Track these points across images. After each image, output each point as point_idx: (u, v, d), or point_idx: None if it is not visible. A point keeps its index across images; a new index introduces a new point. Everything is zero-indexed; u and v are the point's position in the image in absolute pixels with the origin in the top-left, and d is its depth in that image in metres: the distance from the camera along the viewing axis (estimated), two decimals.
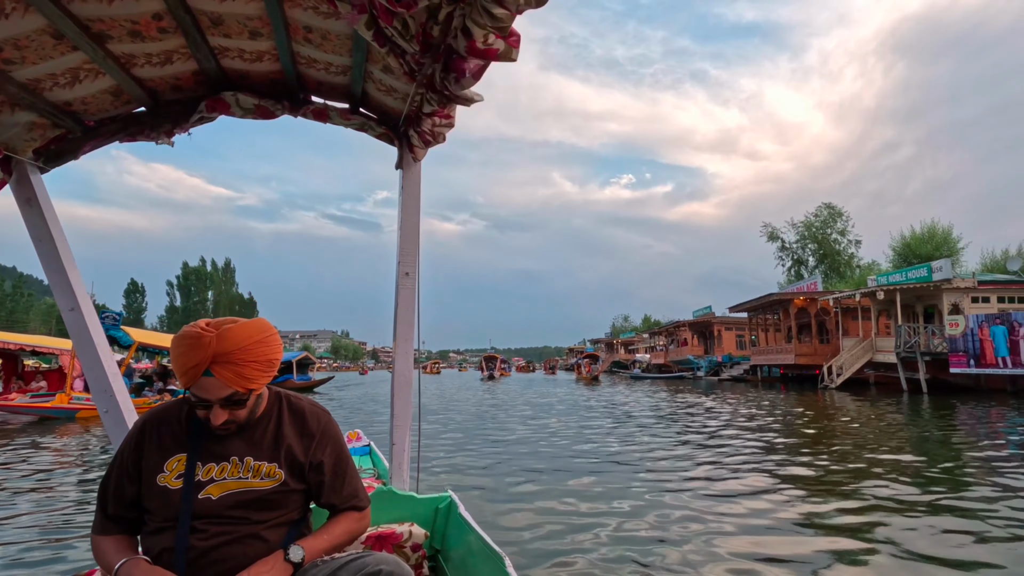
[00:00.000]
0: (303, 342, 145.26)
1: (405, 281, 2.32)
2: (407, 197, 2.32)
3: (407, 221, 2.32)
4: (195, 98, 2.15)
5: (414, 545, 2.04)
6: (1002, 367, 18.79)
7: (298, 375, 29.98)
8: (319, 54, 1.94)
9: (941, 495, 5.35)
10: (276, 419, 1.47)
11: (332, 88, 2.20)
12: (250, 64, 2.03)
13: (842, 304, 26.93)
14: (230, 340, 1.28)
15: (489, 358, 52.23)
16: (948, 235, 36.70)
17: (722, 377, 35.24)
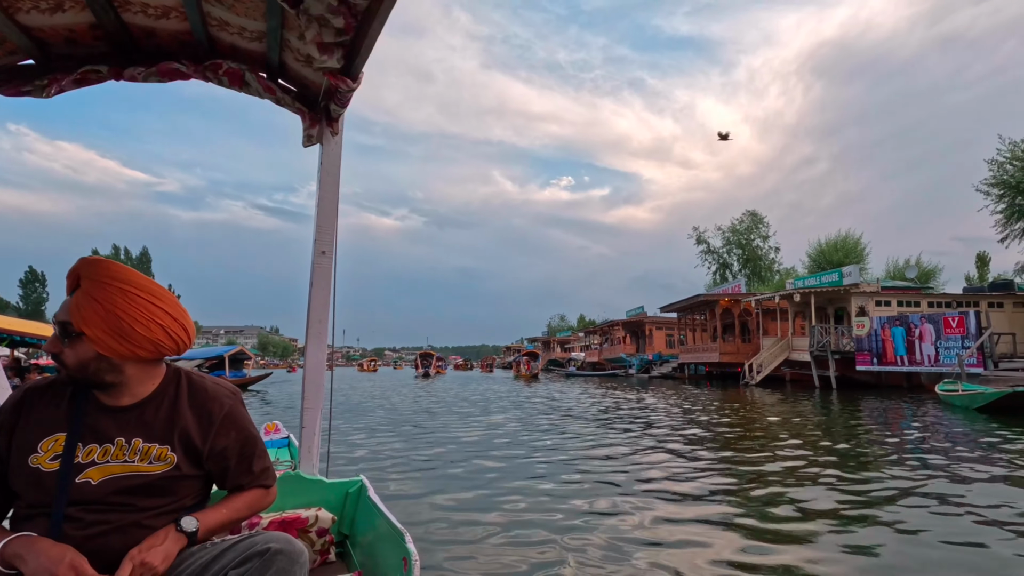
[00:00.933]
0: (228, 338, 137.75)
1: (321, 260, 2.25)
2: (325, 174, 2.25)
3: (324, 198, 2.25)
4: (93, 55, 1.94)
5: (320, 530, 2.01)
6: (900, 365, 20.42)
7: (231, 371, 27.62)
8: (231, 16, 1.81)
9: (840, 477, 5.62)
10: (172, 398, 1.33)
11: (248, 55, 2.07)
12: (155, 21, 1.86)
13: (763, 305, 28.46)
14: (95, 269, 1.21)
15: (425, 355, 51.52)
16: (857, 244, 39.68)
17: (652, 375, 36.43)
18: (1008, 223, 21.80)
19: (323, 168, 2.26)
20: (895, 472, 6.12)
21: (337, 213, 2.30)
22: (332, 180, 2.27)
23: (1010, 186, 21.22)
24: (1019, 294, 24.53)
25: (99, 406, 1.26)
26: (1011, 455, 7.14)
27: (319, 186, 2.27)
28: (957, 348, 18.37)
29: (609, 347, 48.59)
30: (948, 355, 18.63)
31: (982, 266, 42.90)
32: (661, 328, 43.73)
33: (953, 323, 18.75)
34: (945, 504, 4.76)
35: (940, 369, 18.69)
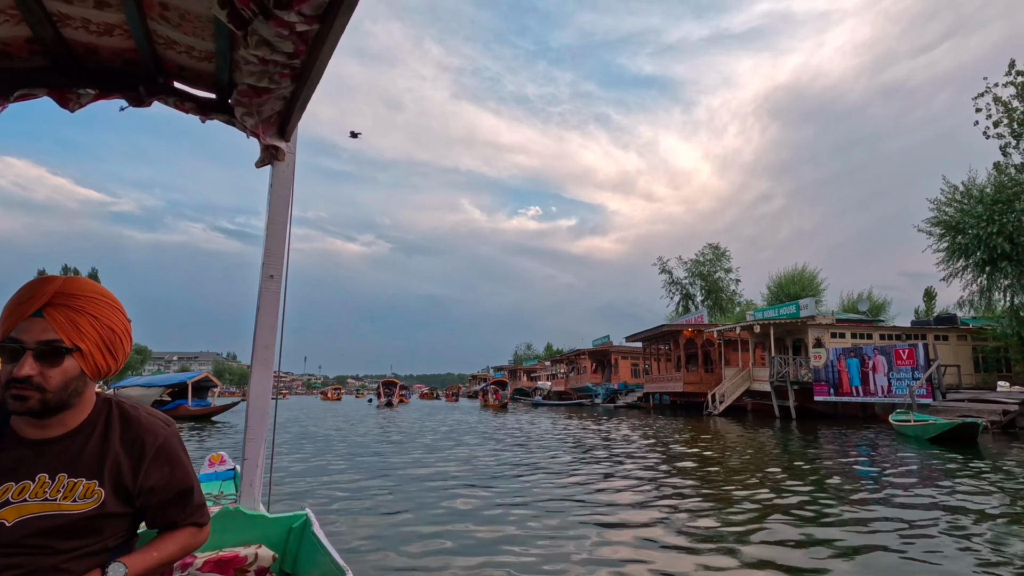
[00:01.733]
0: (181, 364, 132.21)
1: (269, 284, 2.21)
2: (276, 195, 2.22)
3: (274, 220, 2.22)
4: (30, 71, 1.85)
5: (259, 569, 1.91)
6: (855, 395, 21.06)
7: (194, 400, 25.48)
8: (178, 35, 1.76)
9: (798, 502, 5.67)
10: (103, 429, 1.24)
11: (196, 74, 2.01)
12: (97, 38, 1.79)
13: (725, 336, 29.10)
14: (78, 285, 1.18)
15: (387, 383, 50.25)
16: (813, 277, 41.25)
17: (618, 404, 36.52)
18: (950, 261, 23.02)
19: (273, 190, 2.23)
20: (854, 500, 6.22)
21: (287, 236, 2.26)
22: (283, 202, 2.24)
23: (950, 226, 22.50)
24: (962, 328, 25.84)
25: (17, 439, 1.16)
26: (964, 483, 7.37)
27: (269, 207, 2.24)
28: (908, 379, 19.10)
29: (576, 376, 48.66)
30: (900, 386, 19.33)
31: (929, 300, 45.11)
32: (627, 357, 44.11)
33: (904, 355, 19.52)
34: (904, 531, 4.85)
35: (893, 399, 19.36)
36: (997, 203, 20.59)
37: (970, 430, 12.42)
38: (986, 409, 16.14)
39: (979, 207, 21.11)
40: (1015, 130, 21.05)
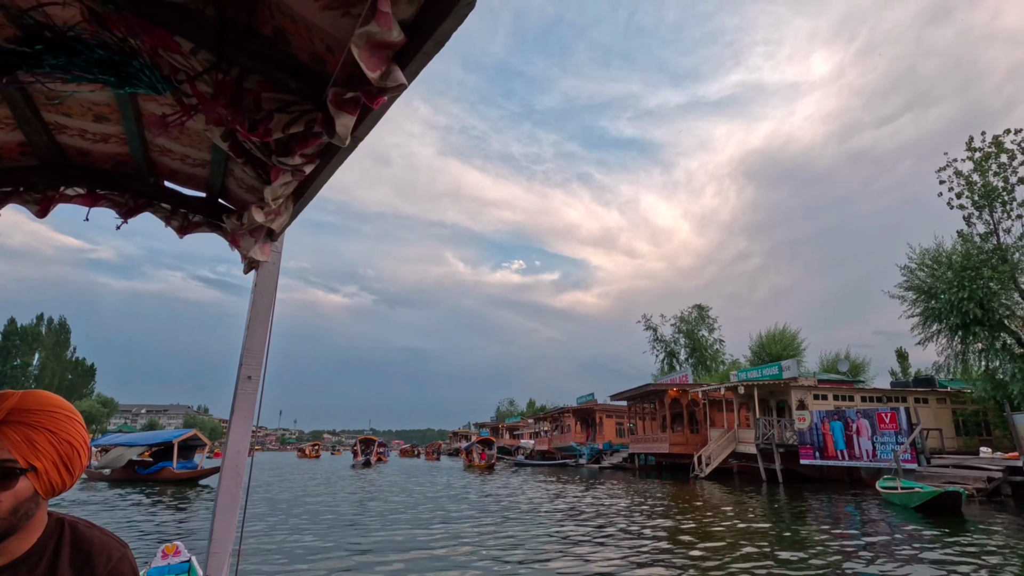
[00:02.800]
0: (149, 418, 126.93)
1: (246, 385, 2.10)
2: (259, 296, 2.18)
3: (255, 320, 2.16)
4: (15, 170, 1.88)
5: None
6: (841, 459, 20.97)
7: (179, 462, 22.92)
8: (175, 145, 1.84)
9: None
10: (52, 554, 1.13)
11: (188, 177, 2.09)
12: (92, 144, 1.86)
13: (709, 396, 29.06)
14: (36, 399, 1.10)
15: (366, 440, 48.30)
16: (794, 337, 41.85)
17: (603, 465, 35.78)
18: (925, 326, 23.62)
19: (256, 290, 2.18)
20: None
21: (268, 337, 2.19)
22: (266, 302, 2.20)
23: (922, 291, 23.25)
24: (940, 390, 26.20)
25: None
26: (950, 555, 7.29)
27: (251, 307, 2.17)
28: (892, 443, 19.13)
29: (559, 435, 47.80)
30: (884, 450, 19.34)
31: (903, 361, 45.92)
32: (611, 416, 43.61)
33: (886, 419, 19.64)
34: None
35: (878, 464, 19.31)
36: (966, 270, 21.42)
37: (953, 499, 12.42)
38: (971, 476, 16.16)
39: (948, 273, 21.92)
40: (976, 202, 22.21)
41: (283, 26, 1.33)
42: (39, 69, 1.26)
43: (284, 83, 1.35)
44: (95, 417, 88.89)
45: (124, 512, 13.20)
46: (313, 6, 1.23)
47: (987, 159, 21.90)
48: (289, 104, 1.37)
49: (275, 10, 1.30)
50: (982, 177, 22.08)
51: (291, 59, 1.36)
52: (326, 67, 1.36)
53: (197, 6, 1.27)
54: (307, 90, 1.36)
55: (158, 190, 2.10)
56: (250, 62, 1.31)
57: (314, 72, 1.37)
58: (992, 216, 22.01)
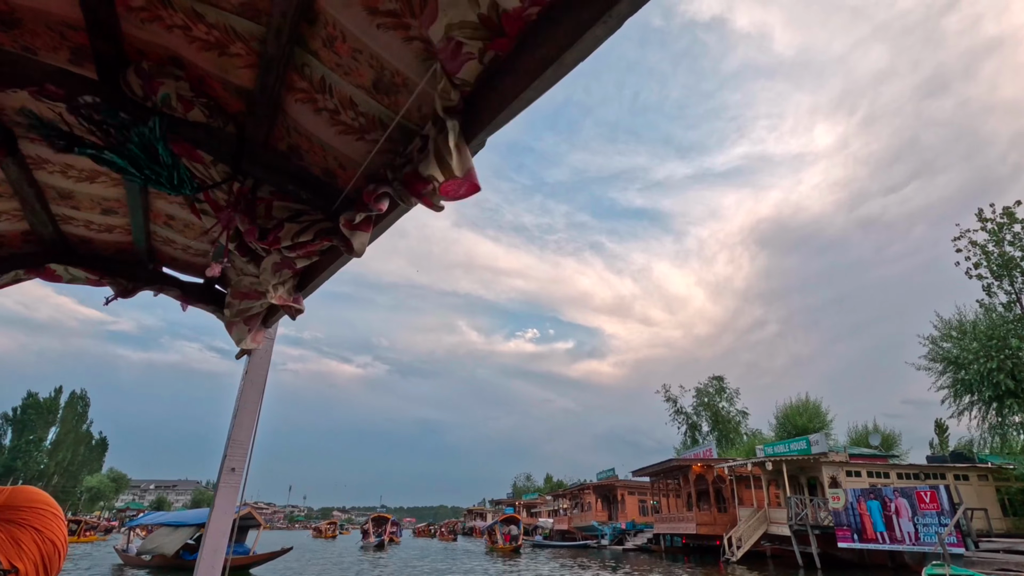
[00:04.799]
0: (158, 494, 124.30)
1: (229, 478, 2.01)
2: (249, 384, 2.12)
3: (244, 410, 2.09)
4: (15, 256, 1.93)
5: None
6: (881, 542, 19.77)
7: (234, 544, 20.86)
8: (179, 237, 1.92)
9: None
10: None
11: (187, 264, 2.17)
12: (96, 234, 1.93)
13: (736, 472, 27.95)
14: (25, 496, 1.06)
15: (378, 519, 45.13)
16: (818, 408, 40.61)
17: (627, 547, 33.99)
18: (956, 398, 22.95)
19: (247, 378, 2.12)
20: None
21: (255, 427, 2.10)
22: (256, 391, 2.13)
23: (949, 361, 22.78)
24: (981, 466, 24.97)
25: None
26: None
27: (240, 396, 2.10)
28: (935, 525, 18.08)
29: (580, 513, 45.76)
30: (928, 532, 18.25)
31: (941, 432, 44.03)
32: (634, 493, 41.85)
33: (926, 498, 18.69)
34: None
35: (922, 548, 18.16)
36: (992, 340, 21.07)
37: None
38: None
39: (974, 344, 21.56)
40: (995, 271, 22.20)
41: (298, 144, 1.41)
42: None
43: (295, 194, 1.42)
44: (103, 493, 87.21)
45: None
46: (329, 130, 1.32)
47: (1000, 229, 22.09)
48: (300, 213, 1.43)
49: (292, 130, 1.38)
50: (998, 247, 22.19)
51: (304, 172, 1.44)
52: (337, 181, 1.43)
53: (219, 124, 1.35)
54: (317, 200, 1.44)
55: (156, 275, 2.13)
56: (264, 174, 1.39)
57: (325, 184, 1.45)
58: (1013, 285, 21.90)
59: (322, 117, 1.31)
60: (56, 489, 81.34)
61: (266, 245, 1.42)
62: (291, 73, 1.25)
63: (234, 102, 1.35)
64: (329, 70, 1.21)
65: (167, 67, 1.27)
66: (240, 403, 2.09)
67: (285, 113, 1.35)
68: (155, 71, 1.25)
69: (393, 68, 1.13)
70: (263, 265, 1.59)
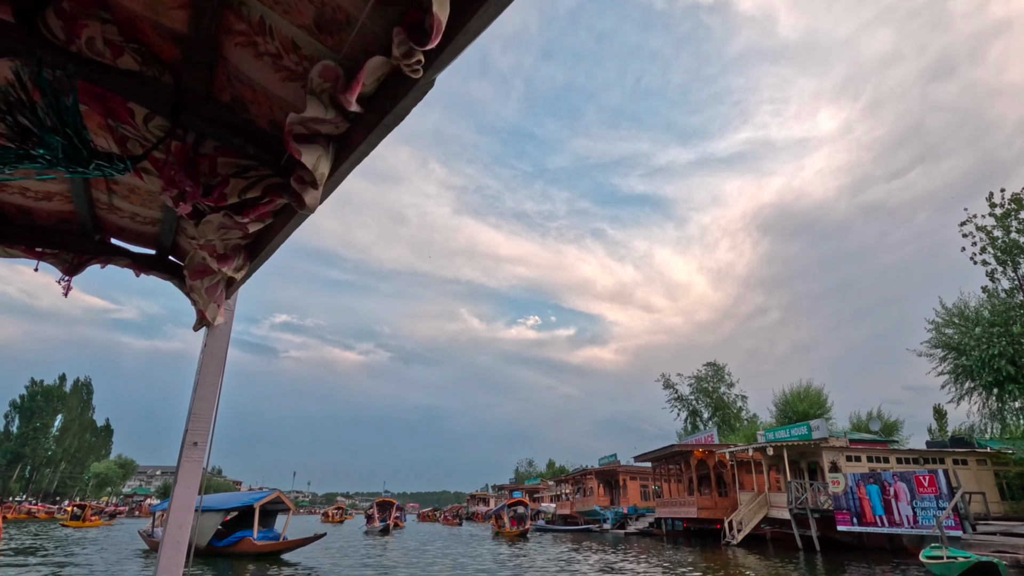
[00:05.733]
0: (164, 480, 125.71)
1: (192, 452, 1.98)
2: (209, 357, 2.07)
3: (204, 384, 2.05)
4: None
5: None
6: (880, 526, 20.05)
7: (261, 530, 18.62)
8: (124, 204, 1.81)
9: None
10: None
11: (137, 235, 2.04)
12: (34, 202, 1.81)
13: (737, 457, 28.24)
14: None
15: (382, 504, 44.59)
16: (819, 395, 40.86)
17: (628, 530, 34.44)
18: (957, 383, 23.09)
19: (207, 351, 2.07)
20: None
21: (217, 402, 2.07)
22: (216, 364, 2.08)
23: (951, 347, 22.90)
24: (980, 451, 25.20)
25: None
26: None
27: (200, 369, 2.05)
28: (933, 508, 18.33)
29: (582, 498, 46.29)
30: (926, 516, 18.50)
31: (940, 418, 44.28)
32: (635, 478, 42.30)
33: (925, 482, 18.91)
34: None
35: (920, 531, 18.42)
36: (994, 326, 21.16)
37: (990, 570, 12.04)
38: (1021, 544, 15.36)
39: (977, 329, 21.65)
40: (999, 257, 22.21)
41: (242, 94, 1.32)
42: None
43: (241, 148, 1.33)
44: (111, 479, 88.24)
45: None
46: (273, 77, 1.24)
47: (1007, 216, 22.06)
48: (246, 169, 1.35)
49: (234, 79, 1.29)
50: (1005, 233, 22.17)
51: (249, 125, 1.35)
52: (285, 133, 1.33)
53: (154, 73, 1.25)
54: (265, 155, 1.35)
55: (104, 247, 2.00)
56: (207, 128, 1.29)
57: (272, 138, 1.35)
58: (1016, 272, 21.93)
59: (264, 63, 1.23)
60: (64, 475, 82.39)
61: (212, 202, 1.33)
62: (227, 13, 1.17)
63: (168, 48, 1.26)
64: (268, 8, 1.13)
65: (91, 7, 1.17)
66: (200, 377, 2.04)
67: (225, 60, 1.27)
68: (78, 11, 1.15)
69: (335, 2, 1.07)
70: (207, 218, 1.49)
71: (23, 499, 68.96)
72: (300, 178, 1.24)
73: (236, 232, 1.52)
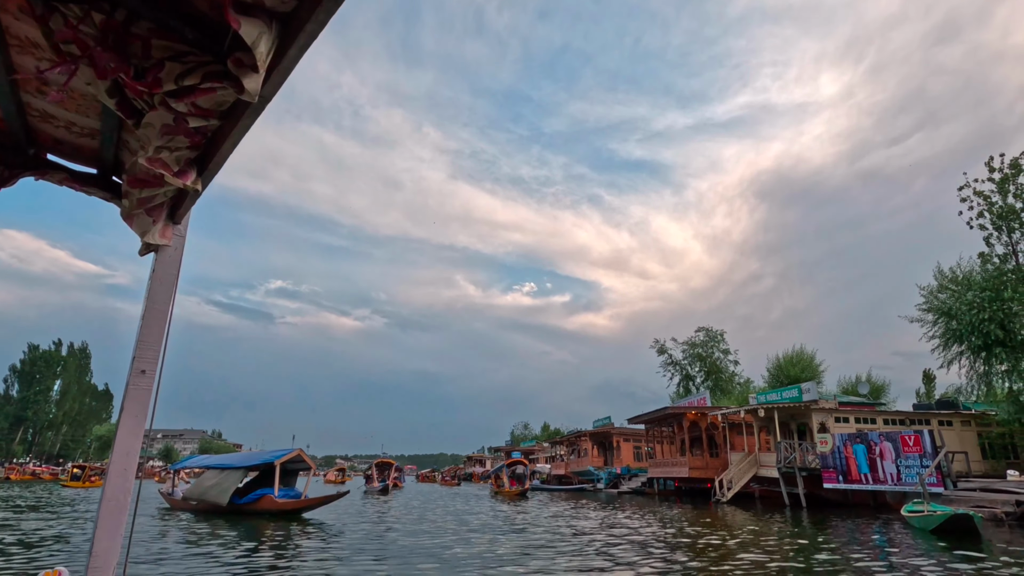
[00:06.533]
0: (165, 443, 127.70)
1: (139, 380, 1.90)
2: (158, 282, 1.99)
3: (153, 310, 1.97)
4: None
5: None
6: (865, 483, 20.76)
7: (281, 488, 18.24)
8: (59, 111, 1.69)
9: None
10: None
11: (76, 149, 1.90)
12: None
13: (729, 419, 28.92)
14: None
15: (381, 464, 44.59)
16: (812, 359, 41.54)
17: (621, 489, 35.47)
18: (946, 347, 23.51)
19: (155, 277, 1.99)
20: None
21: (167, 330, 1.99)
22: (165, 291, 2.00)
23: (942, 312, 23.22)
24: (965, 412, 25.88)
25: None
26: None
27: (148, 295, 1.97)
28: (916, 466, 18.95)
29: (576, 459, 47.46)
30: (909, 474, 19.15)
31: (928, 383, 45.20)
32: (629, 440, 43.32)
33: (910, 441, 19.49)
34: None
35: (903, 488, 19.10)
36: (986, 291, 21.42)
37: (966, 521, 12.52)
38: (999, 499, 15.98)
39: (968, 294, 21.92)
40: (995, 222, 22.30)
41: None
42: None
43: (179, 31, 1.22)
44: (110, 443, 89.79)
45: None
46: None
47: (1006, 181, 22.04)
48: (184, 54, 1.24)
49: None
50: (1003, 198, 22.20)
51: (187, 6, 1.23)
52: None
53: None
54: (205, 41, 1.24)
55: (39, 163, 1.87)
56: (139, 5, 1.18)
57: (214, 22, 1.24)
58: (1011, 237, 22.06)
59: None
60: (66, 438, 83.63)
61: (145, 87, 1.22)
62: None
63: None
64: None
65: None
66: (148, 303, 1.97)
67: None
68: None
69: None
70: (147, 120, 1.38)
71: (27, 461, 70.08)
72: (239, 60, 1.14)
73: (182, 140, 1.42)
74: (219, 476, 18.68)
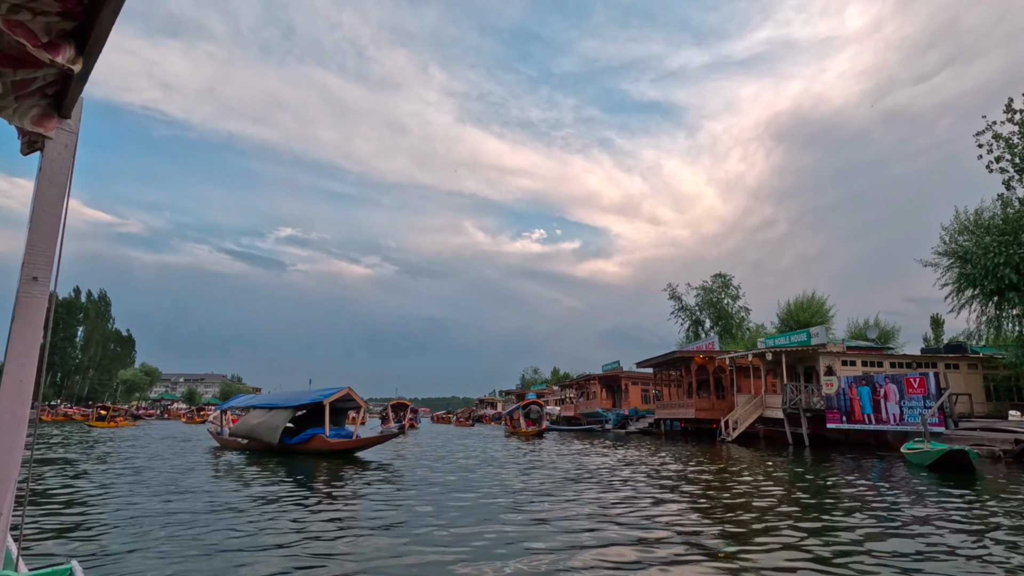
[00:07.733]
0: (188, 387, 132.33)
1: (31, 289, 1.77)
2: (46, 182, 1.83)
3: (42, 212, 1.82)
4: None
5: None
6: (867, 423, 21.35)
7: (332, 428, 17.85)
8: None
9: (818, 528, 6.14)
10: None
11: None
12: None
13: (736, 363, 29.45)
14: None
15: (397, 405, 46.92)
16: (822, 304, 41.64)
17: (629, 430, 36.64)
18: (959, 292, 23.48)
19: (42, 175, 1.82)
20: (856, 525, 6.69)
21: (61, 233, 1.84)
22: (56, 191, 1.83)
23: (957, 256, 23.06)
24: (972, 356, 26.15)
25: None
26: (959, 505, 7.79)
27: (36, 197, 1.82)
28: (920, 408, 19.41)
29: (585, 401, 48.78)
30: (912, 414, 19.64)
31: (936, 328, 45.30)
32: (637, 383, 44.30)
33: (915, 383, 19.87)
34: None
35: (905, 428, 19.65)
36: (1004, 235, 21.17)
37: (961, 457, 12.97)
38: (998, 438, 16.44)
39: (987, 238, 21.70)
40: (1017, 164, 21.74)
41: None
42: None
43: None
44: (138, 385, 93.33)
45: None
46: None
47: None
48: None
49: None
50: (1023, 140, 21.57)
51: None
52: None
53: None
54: None
55: None
56: None
57: None
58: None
59: None
60: (93, 382, 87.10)
61: None
62: None
63: None
64: None
65: None
66: (37, 205, 1.81)
67: None
68: None
69: None
70: None
71: (59, 403, 73.41)
72: None
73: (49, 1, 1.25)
74: (267, 415, 18.47)
